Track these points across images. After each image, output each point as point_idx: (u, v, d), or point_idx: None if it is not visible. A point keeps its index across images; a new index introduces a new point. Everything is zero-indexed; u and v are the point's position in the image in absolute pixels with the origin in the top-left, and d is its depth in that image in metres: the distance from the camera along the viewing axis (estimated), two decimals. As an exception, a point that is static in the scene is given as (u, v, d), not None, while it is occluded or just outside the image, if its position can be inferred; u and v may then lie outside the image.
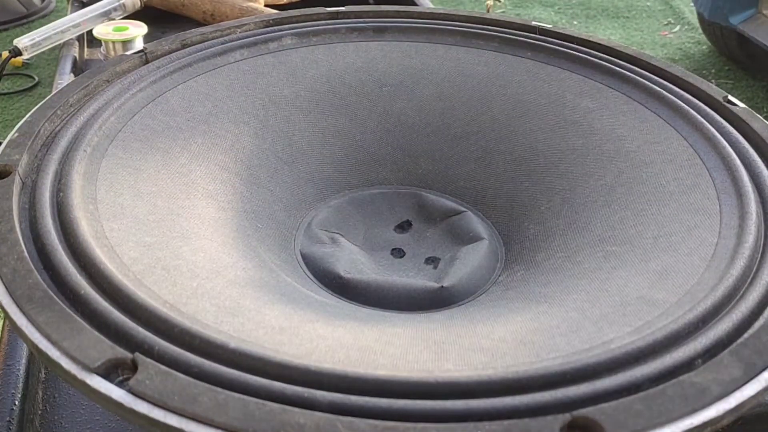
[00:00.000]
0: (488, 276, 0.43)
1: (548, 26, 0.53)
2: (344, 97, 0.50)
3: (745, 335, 0.29)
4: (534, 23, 0.53)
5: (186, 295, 0.31)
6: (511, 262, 0.44)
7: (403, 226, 0.48)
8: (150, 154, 0.40)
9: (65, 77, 0.78)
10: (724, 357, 0.27)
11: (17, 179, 0.35)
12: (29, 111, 0.41)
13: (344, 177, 0.50)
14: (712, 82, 0.47)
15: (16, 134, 0.38)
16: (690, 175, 0.39)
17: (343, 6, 0.55)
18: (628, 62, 0.49)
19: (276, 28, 0.52)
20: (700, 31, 2.03)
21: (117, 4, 0.89)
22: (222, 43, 0.49)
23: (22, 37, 0.84)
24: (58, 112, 0.41)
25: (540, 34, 0.52)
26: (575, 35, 0.51)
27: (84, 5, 0.92)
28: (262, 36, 0.50)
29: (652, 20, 2.25)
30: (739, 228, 0.34)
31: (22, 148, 0.37)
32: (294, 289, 0.38)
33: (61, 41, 0.86)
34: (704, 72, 1.90)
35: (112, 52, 0.83)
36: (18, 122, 0.40)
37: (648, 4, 2.36)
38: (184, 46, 0.49)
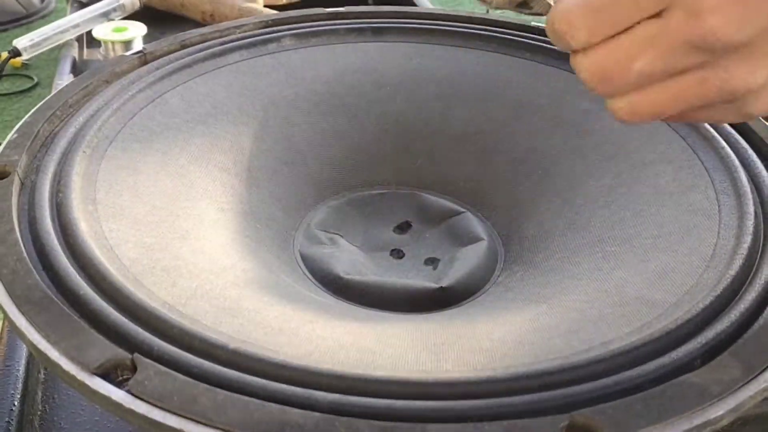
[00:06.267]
0: (488, 277, 0.43)
1: (547, 27, 0.53)
2: (343, 97, 0.50)
3: (745, 336, 0.29)
4: (533, 23, 0.53)
5: (185, 296, 0.31)
6: (511, 262, 0.44)
7: (403, 227, 0.48)
8: (149, 155, 0.40)
9: (64, 78, 0.78)
10: (723, 357, 0.27)
11: (16, 180, 0.35)
12: (28, 112, 0.41)
13: (343, 178, 0.50)
14: (711, 83, 0.47)
15: (16, 135, 0.38)
16: (689, 175, 0.39)
17: (342, 7, 0.55)
18: (627, 63, 0.49)
19: (275, 28, 0.52)
20: (700, 31, 2.03)
21: (116, 4, 0.89)
22: (221, 44, 0.49)
23: (21, 38, 0.84)
24: (58, 112, 0.41)
25: (539, 35, 0.52)
26: (574, 36, 0.51)
27: (83, 6, 0.92)
28: (262, 37, 0.50)
29: (651, 21, 2.25)
30: (738, 228, 0.34)
31: (21, 149, 0.37)
32: (293, 289, 0.38)
33: (61, 42, 0.86)
34: (703, 72, 1.91)
35: (112, 53, 0.83)
36: (17, 123, 0.40)
37: (647, 4, 2.36)
38: (183, 47, 0.49)
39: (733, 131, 0.42)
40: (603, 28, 0.27)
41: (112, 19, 0.88)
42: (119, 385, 0.25)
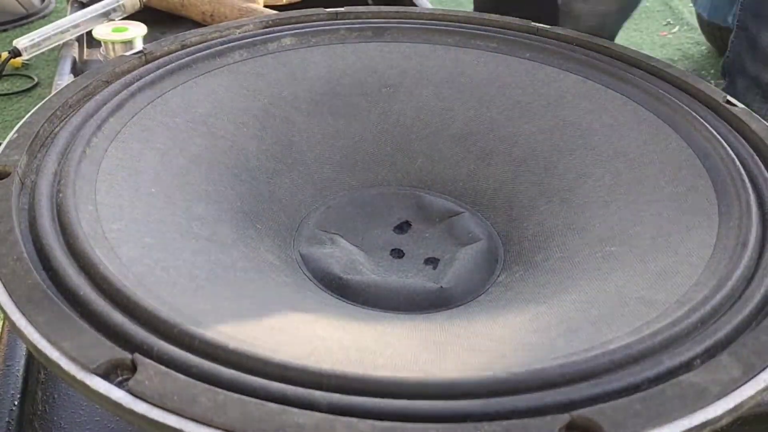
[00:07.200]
0: (487, 277, 0.43)
1: (547, 27, 0.53)
2: (343, 98, 0.50)
3: (744, 336, 0.29)
4: (533, 24, 0.53)
5: (185, 296, 0.31)
6: (510, 262, 0.44)
7: (402, 227, 0.48)
8: (149, 155, 0.40)
9: (65, 78, 0.78)
10: (723, 357, 0.27)
11: (16, 180, 0.35)
12: (29, 112, 0.41)
13: (343, 178, 0.50)
14: (710, 83, 0.47)
15: (16, 135, 0.38)
16: (689, 175, 0.39)
17: (342, 7, 0.55)
18: (626, 63, 0.49)
19: (275, 28, 0.52)
20: (699, 31, 2.03)
21: (117, 4, 0.89)
22: (221, 44, 0.49)
23: (21, 38, 0.84)
24: (58, 112, 0.41)
25: (539, 35, 0.52)
26: (574, 36, 0.51)
27: (83, 6, 0.92)
28: (262, 37, 0.50)
29: (651, 21, 2.24)
30: (738, 229, 0.34)
31: (21, 149, 0.37)
32: (293, 289, 0.38)
33: (61, 42, 0.86)
34: (703, 72, 1.91)
35: (112, 53, 0.83)
36: (17, 123, 0.40)
37: (647, 4, 2.36)
38: (183, 47, 0.49)
39: (733, 131, 0.42)
40: None
41: (113, 19, 0.88)
42: (119, 385, 0.25)
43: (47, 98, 0.42)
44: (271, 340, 0.29)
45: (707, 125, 0.42)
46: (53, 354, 0.26)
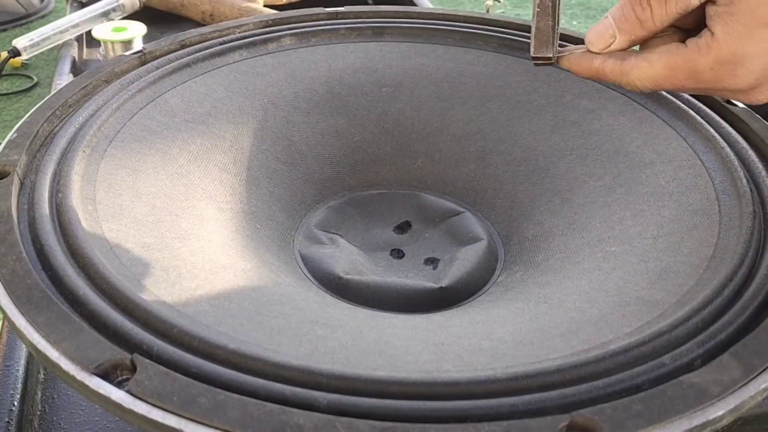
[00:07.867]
0: (487, 277, 0.43)
1: (547, 27, 0.53)
2: (343, 97, 0.50)
3: (745, 336, 0.29)
4: (533, 24, 0.53)
5: (185, 296, 0.31)
6: (511, 262, 0.44)
7: (403, 227, 0.48)
8: (149, 155, 0.40)
9: (64, 78, 0.78)
10: (723, 358, 0.27)
11: (16, 180, 0.35)
12: (28, 111, 0.41)
13: (343, 178, 0.50)
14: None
15: (15, 135, 0.38)
16: (689, 175, 0.39)
17: (342, 6, 0.55)
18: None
19: (275, 28, 0.52)
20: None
21: (116, 4, 0.89)
22: (221, 44, 0.49)
23: (21, 38, 0.84)
24: (57, 112, 0.41)
25: (539, 35, 0.52)
26: (574, 36, 0.51)
27: (83, 6, 0.92)
28: (261, 36, 0.50)
29: (651, 21, 2.24)
30: (738, 228, 0.34)
31: (20, 149, 0.37)
32: (293, 289, 0.38)
33: (60, 42, 0.86)
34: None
35: (111, 53, 0.83)
36: (17, 123, 0.40)
37: (647, 4, 2.36)
38: (182, 47, 0.49)
39: (733, 131, 0.42)
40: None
41: (112, 19, 0.88)
42: (119, 385, 0.25)
43: (47, 98, 0.42)
44: (271, 340, 0.29)
45: (707, 125, 0.42)
46: (53, 354, 0.26)
